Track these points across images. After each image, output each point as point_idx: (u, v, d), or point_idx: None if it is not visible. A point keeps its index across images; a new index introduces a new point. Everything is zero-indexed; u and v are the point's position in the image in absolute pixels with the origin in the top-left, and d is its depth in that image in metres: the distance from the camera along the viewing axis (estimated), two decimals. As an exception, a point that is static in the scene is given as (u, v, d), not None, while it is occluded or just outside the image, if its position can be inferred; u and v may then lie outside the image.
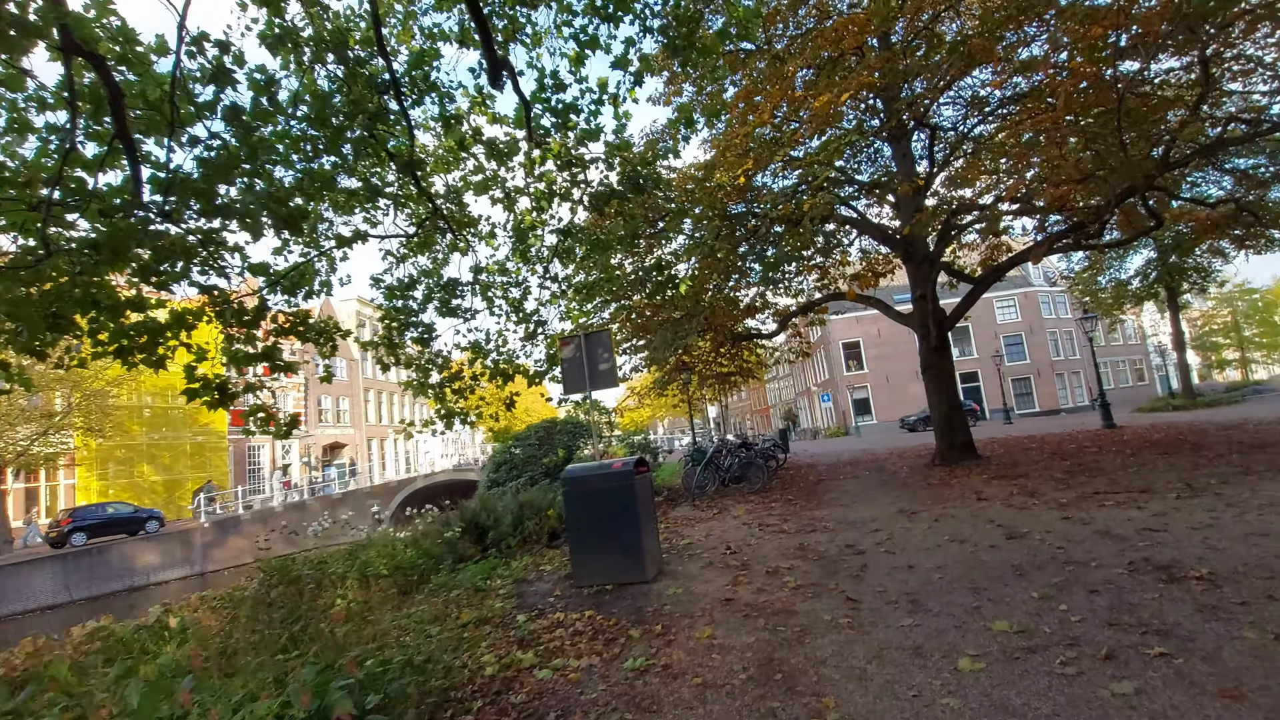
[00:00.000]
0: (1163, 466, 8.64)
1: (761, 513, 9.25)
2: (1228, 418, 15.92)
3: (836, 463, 16.30)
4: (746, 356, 19.29)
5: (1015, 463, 11.13)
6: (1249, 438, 10.63)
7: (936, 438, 12.45)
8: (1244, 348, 43.95)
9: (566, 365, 7.23)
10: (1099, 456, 10.62)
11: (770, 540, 6.98)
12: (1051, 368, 39.96)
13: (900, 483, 10.64)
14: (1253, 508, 5.44)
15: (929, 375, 12.37)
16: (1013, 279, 41.00)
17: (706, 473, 11.91)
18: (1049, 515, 6.30)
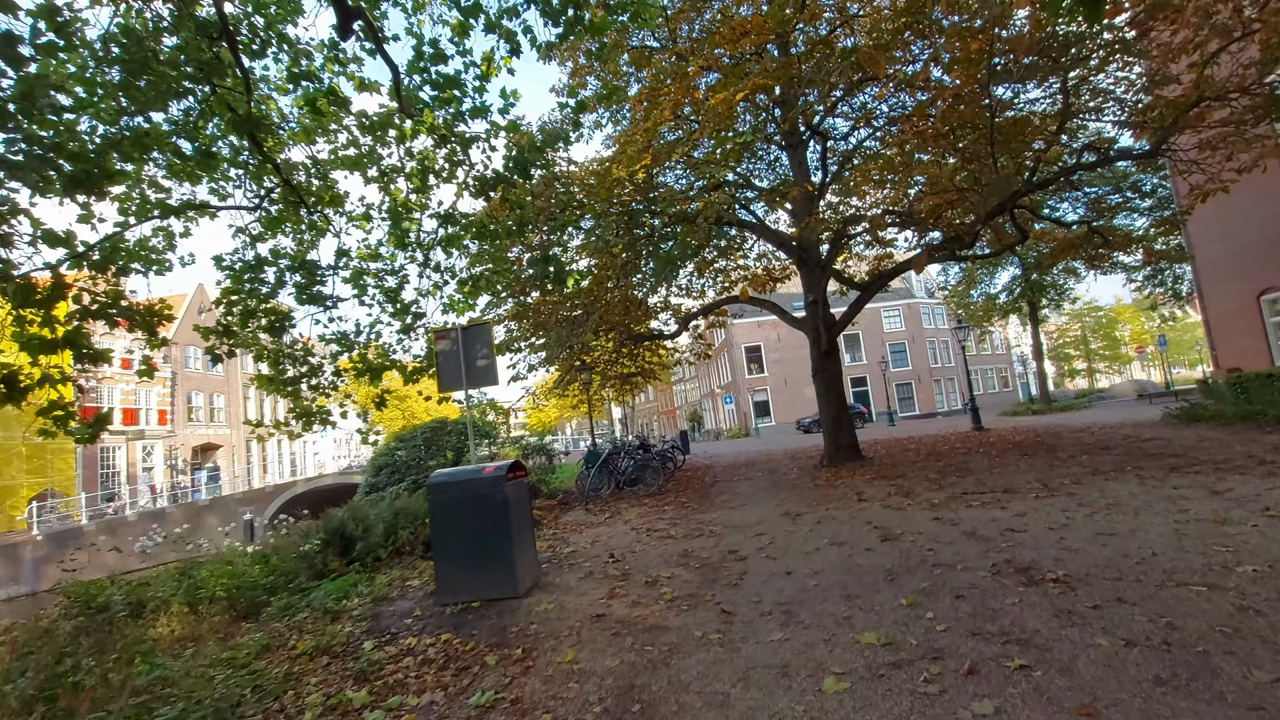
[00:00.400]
0: (1023, 467, 9.21)
1: (653, 517, 9.02)
2: (1077, 422, 17.55)
3: (733, 464, 16.48)
4: (649, 358, 19.21)
5: (895, 463, 11.59)
6: (1095, 440, 11.64)
7: (825, 439, 12.80)
8: (1090, 359, 49.55)
9: (442, 361, 6.63)
10: (968, 457, 11.26)
11: (656, 546, 6.73)
12: (930, 374, 43.03)
13: (789, 484, 10.78)
14: (1101, 508, 5.76)
15: (819, 379, 12.68)
16: (898, 290, 43.83)
17: (601, 476, 11.57)
18: (922, 516, 6.44)
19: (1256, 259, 14.52)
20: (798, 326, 13.46)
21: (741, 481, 12.17)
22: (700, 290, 16.71)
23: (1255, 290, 14.73)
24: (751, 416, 42.75)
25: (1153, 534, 4.65)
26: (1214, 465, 7.33)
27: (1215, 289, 16.28)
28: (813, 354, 12.91)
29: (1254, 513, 4.86)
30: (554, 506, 11.83)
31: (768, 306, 13.86)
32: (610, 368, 18.10)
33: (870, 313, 42.81)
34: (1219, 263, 15.80)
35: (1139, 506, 5.61)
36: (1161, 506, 5.50)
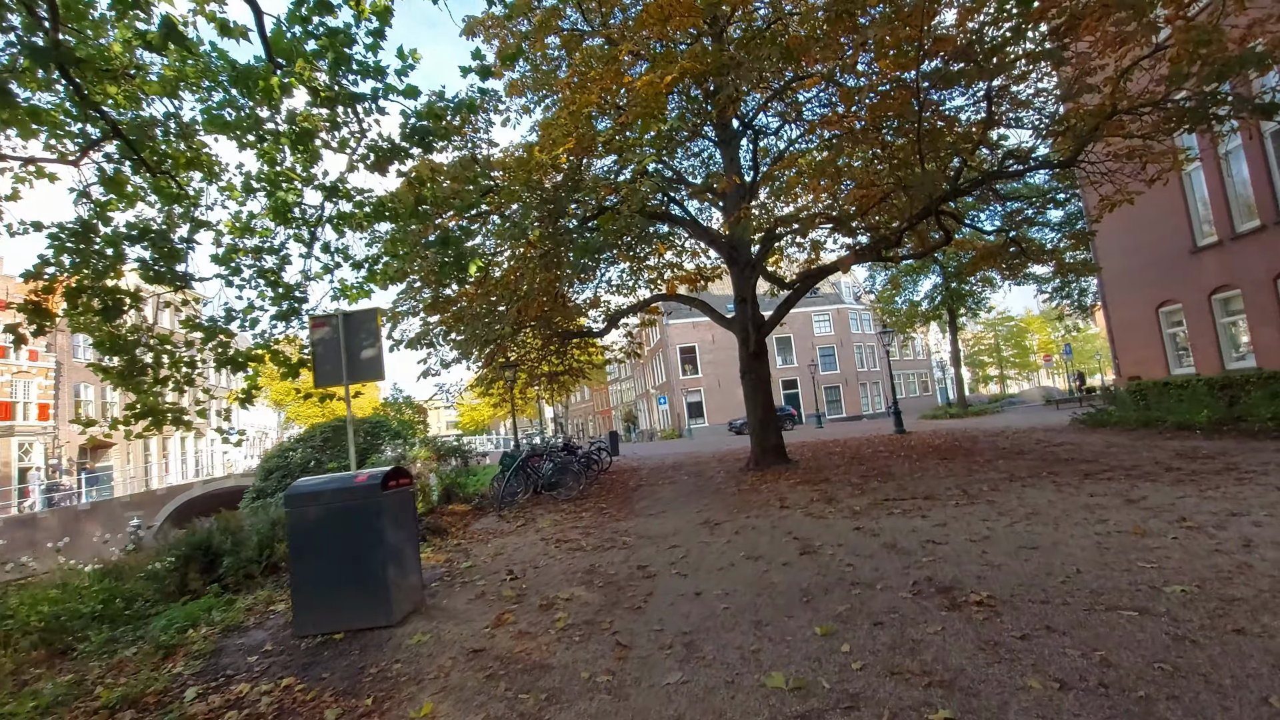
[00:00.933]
0: (943, 472, 9.16)
1: (568, 525, 8.42)
2: (992, 426, 18.13)
3: (661, 466, 16.06)
4: (578, 356, 18.55)
5: (820, 467, 11.44)
6: (1010, 445, 11.86)
7: (751, 442, 12.54)
8: (1002, 366, 52.45)
9: (320, 351, 5.81)
10: (890, 461, 11.22)
11: (562, 560, 6.13)
12: (857, 377, 44.28)
13: (713, 489, 10.41)
14: (1021, 517, 5.58)
15: (747, 380, 12.41)
16: (827, 295, 44.89)
17: (518, 480, 10.86)
18: (843, 525, 6.13)
19: (1156, 273, 15.34)
20: (727, 326, 13.16)
21: (666, 485, 11.73)
22: (631, 288, 16.21)
23: (1154, 302, 15.57)
24: (685, 417, 42.73)
25: (1075, 547, 4.43)
26: (1124, 471, 7.40)
27: (1118, 300, 17.17)
28: (741, 354, 12.63)
29: (1171, 524, 4.74)
30: (467, 513, 11.03)
31: (697, 305, 13.50)
32: (537, 366, 17.34)
33: (801, 317, 43.65)
34: (1122, 275, 16.64)
35: (1058, 516, 5.46)
36: (1080, 516, 5.36)
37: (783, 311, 12.33)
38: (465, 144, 11.72)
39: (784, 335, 43.30)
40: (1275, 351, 12.27)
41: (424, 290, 12.83)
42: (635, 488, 11.92)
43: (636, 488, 11.91)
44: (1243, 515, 4.73)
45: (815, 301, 44.61)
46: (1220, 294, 13.58)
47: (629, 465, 17.18)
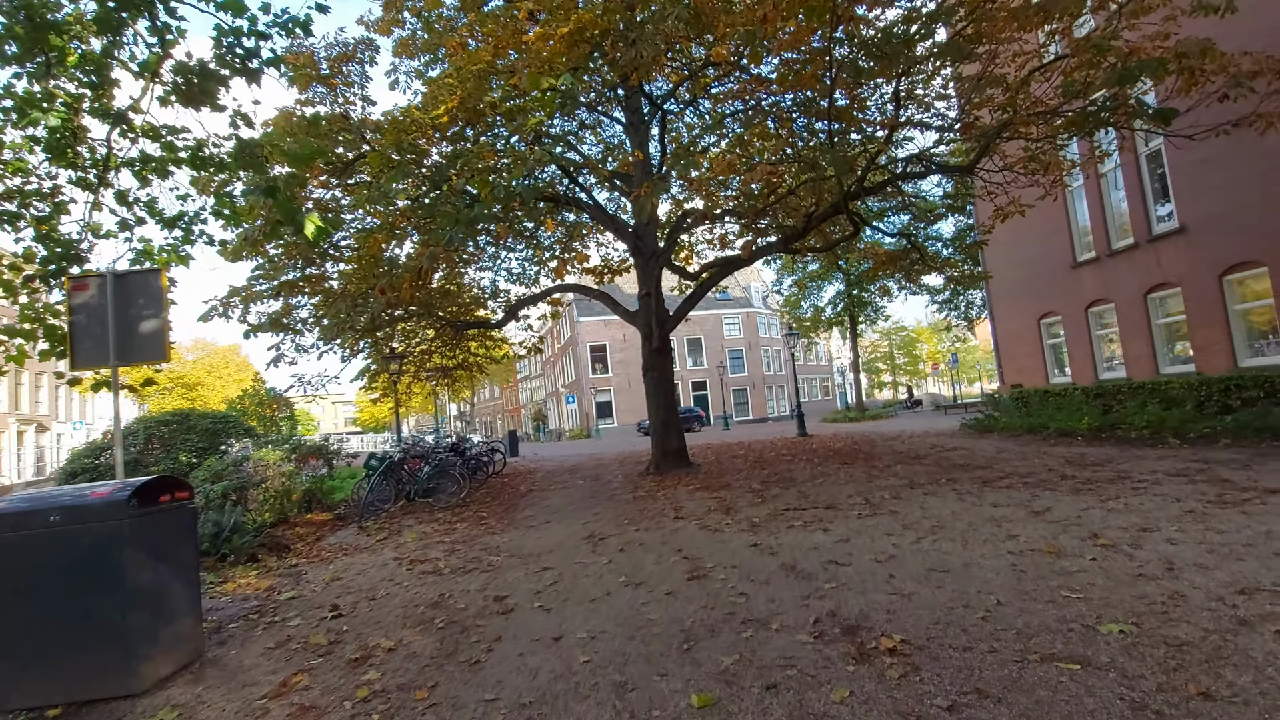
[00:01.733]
0: (843, 478, 8.78)
1: (435, 539, 7.30)
2: (888, 430, 18.47)
3: (560, 468, 15.06)
4: (475, 350, 17.20)
5: (722, 471, 10.88)
6: (907, 449, 11.81)
7: (652, 444, 11.82)
8: (895, 373, 55.40)
9: (80, 324, 4.42)
10: (792, 465, 10.83)
11: (409, 588, 5.05)
12: (764, 381, 45.11)
13: (608, 495, 9.57)
14: (926, 531, 5.09)
15: (649, 378, 11.68)
16: (738, 299, 45.46)
17: (386, 485, 9.54)
18: (739, 541, 5.43)
19: (1039, 286, 16.07)
20: (631, 321, 12.38)
21: (558, 491, 10.77)
22: (534, 278, 15.15)
23: (1037, 314, 16.33)
24: (594, 417, 41.84)
25: (988, 570, 3.91)
26: (1021, 479, 7.21)
27: (1004, 311, 17.96)
28: (644, 351, 11.89)
29: (1084, 541, 4.34)
30: (325, 524, 9.59)
31: (600, 298, 12.65)
32: (428, 358, 15.87)
33: (712, 319, 43.92)
34: (1009, 288, 17.39)
35: (964, 530, 5.00)
36: (987, 530, 4.92)
37: (688, 307, 11.71)
38: (336, 98, 10.27)
39: (695, 336, 43.40)
40: (1144, 363, 13.01)
41: (289, 267, 11.20)
42: (525, 493, 10.88)
43: (526, 493, 10.88)
44: (1153, 531, 4.41)
45: (726, 304, 45.05)
46: (1096, 307, 14.32)
47: (526, 468, 16.05)
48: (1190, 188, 11.74)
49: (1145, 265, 12.77)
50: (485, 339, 16.30)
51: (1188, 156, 11.81)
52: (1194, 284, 11.75)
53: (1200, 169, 11.50)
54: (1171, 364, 12.63)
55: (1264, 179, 10.49)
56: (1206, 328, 11.55)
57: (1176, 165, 11.95)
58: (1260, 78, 7.46)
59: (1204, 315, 11.61)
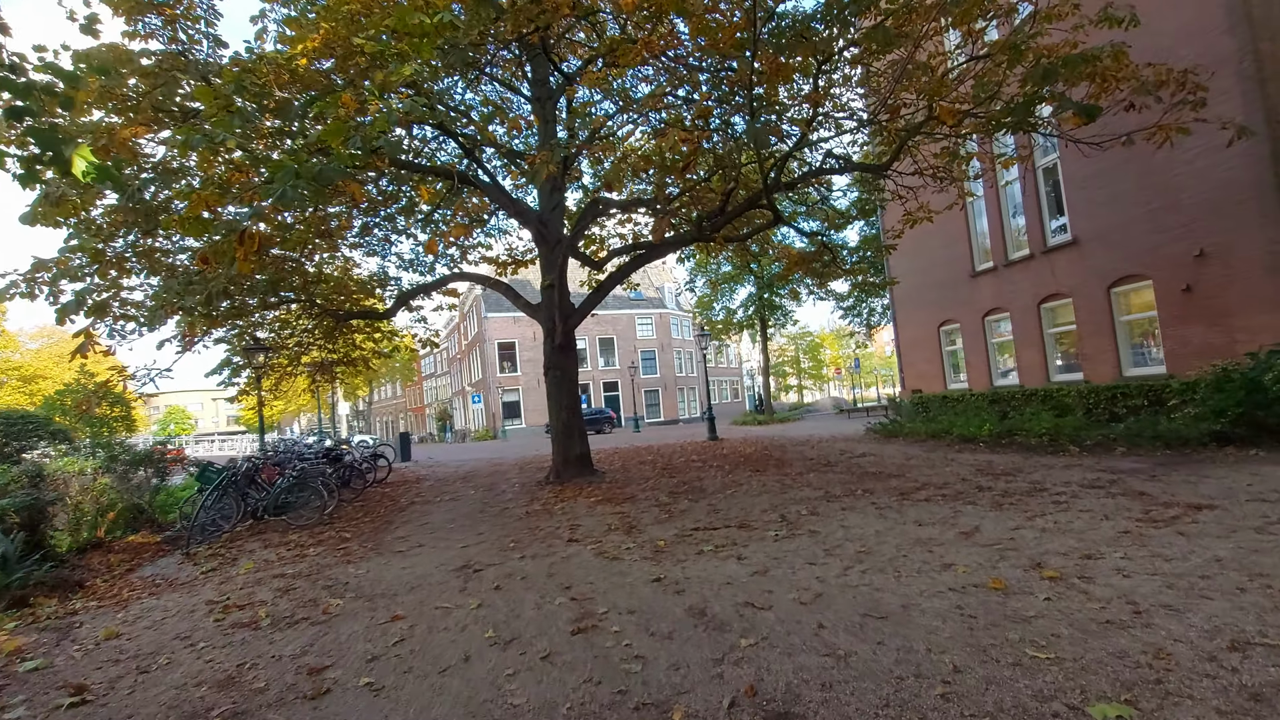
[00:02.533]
0: (756, 487, 8.17)
1: (275, 571, 5.97)
2: (797, 434, 18.39)
3: (453, 475, 13.69)
4: (361, 343, 15.46)
5: (628, 479, 10.05)
6: (817, 455, 11.48)
7: (553, 450, 10.80)
8: (800, 376, 57.19)
9: None
10: (703, 473, 10.17)
11: (203, 653, 3.81)
12: (675, 382, 44.98)
13: (499, 509, 8.48)
14: (851, 557, 4.45)
15: (551, 377, 10.67)
16: (651, 300, 45.10)
17: (226, 501, 7.97)
18: (640, 574, 4.57)
19: (940, 294, 16.45)
20: (533, 315, 11.31)
21: (444, 504, 9.54)
22: (429, 266, 13.69)
23: (937, 321, 16.71)
24: (500, 417, 40.05)
25: (932, 616, 3.25)
26: (937, 490, 6.83)
27: (906, 318, 18.35)
28: (546, 347, 10.86)
29: (1027, 572, 3.80)
30: (145, 549, 7.89)
31: (498, 288, 11.49)
32: (303, 350, 14.01)
33: (625, 318, 43.28)
34: (911, 295, 17.76)
35: (894, 558, 4.39)
36: (918, 557, 4.33)
37: (595, 300, 10.79)
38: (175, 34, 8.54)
39: (607, 335, 42.58)
40: (1036, 371, 13.44)
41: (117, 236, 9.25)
42: (404, 507, 9.55)
43: (406, 507, 9.56)
44: (1097, 558, 3.95)
45: (639, 304, 44.55)
46: (992, 316, 14.73)
47: (415, 475, 14.54)
48: (1083, 202, 12.17)
49: (1040, 276, 13.19)
50: (373, 331, 14.64)
51: (1081, 170, 12.26)
52: (1084, 295, 12.19)
53: (1091, 184, 11.94)
54: (1062, 372, 13.09)
55: (1148, 195, 10.94)
56: (1095, 337, 12.00)
57: (1071, 180, 12.38)
58: (1164, 88, 7.51)
59: (1093, 325, 12.06)
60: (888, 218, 16.33)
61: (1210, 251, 10.00)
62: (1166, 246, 10.68)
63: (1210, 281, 10.04)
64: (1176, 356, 10.56)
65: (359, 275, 13.98)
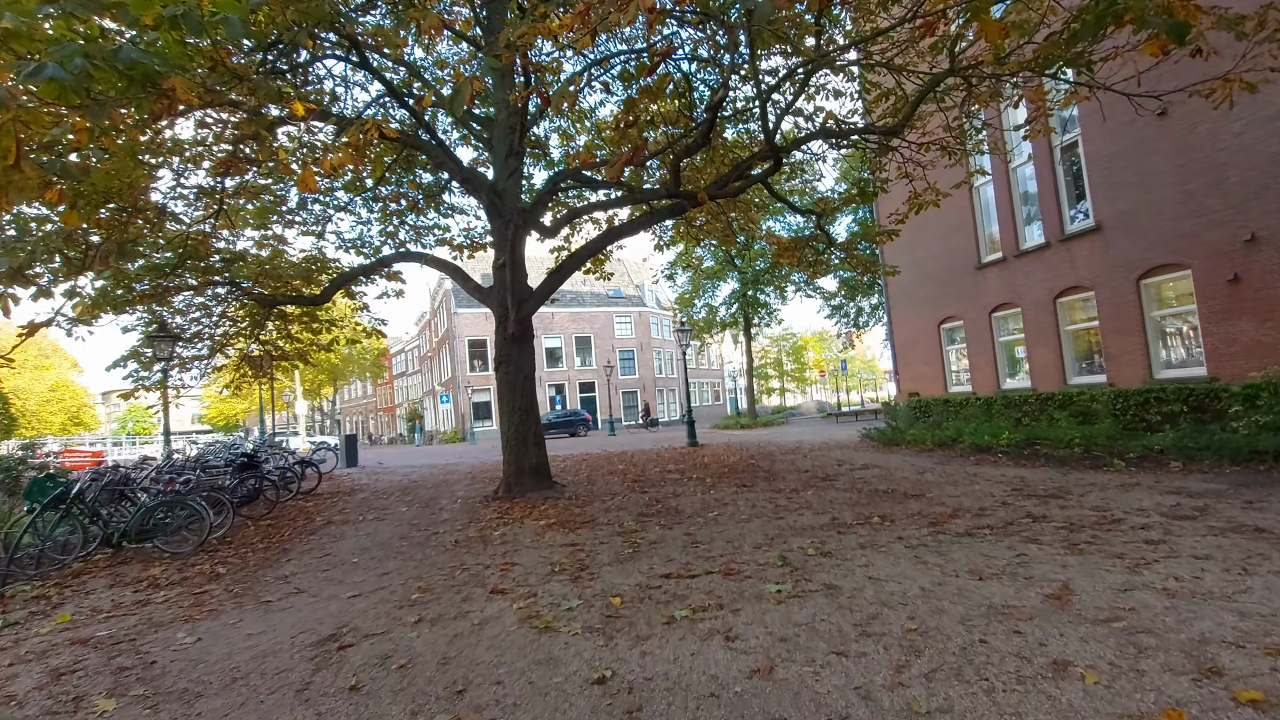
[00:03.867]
0: (745, 510, 6.65)
1: (83, 631, 4.31)
2: (784, 439, 16.93)
3: (395, 486, 11.96)
4: (298, 334, 13.67)
5: (591, 495, 8.47)
6: (812, 467, 10.00)
7: (504, 459, 9.16)
8: (783, 379, 55.98)
9: None
10: (679, 488, 8.63)
11: None
12: (655, 384, 43.44)
13: (426, 535, 6.84)
14: (898, 641, 2.92)
15: (502, 373, 9.06)
16: (630, 298, 43.52)
17: (67, 526, 6.22)
18: (575, 666, 2.99)
19: (940, 289, 15.12)
20: (483, 300, 9.70)
21: (365, 525, 7.86)
22: (375, 248, 11.98)
23: (937, 318, 15.37)
24: (470, 418, 38.15)
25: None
26: (976, 518, 5.36)
27: (902, 315, 17.00)
28: (497, 337, 9.25)
29: (1202, 684, 2.29)
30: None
31: (441, 267, 9.87)
32: (228, 340, 12.21)
33: (603, 316, 41.64)
34: (907, 291, 16.42)
35: (969, 647, 2.86)
36: (1006, 647, 2.81)
37: (556, 281, 9.19)
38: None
39: (584, 334, 40.89)
40: (1051, 372, 12.11)
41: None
42: (317, 529, 7.86)
43: (320, 528, 7.86)
44: (1309, 660, 2.45)
45: (618, 302, 42.95)
46: (1000, 312, 13.41)
47: (352, 484, 12.76)
48: (1108, 183, 10.87)
49: (1056, 267, 11.87)
50: (311, 321, 12.87)
51: (1105, 148, 10.97)
52: (1109, 287, 10.88)
53: (1117, 163, 10.65)
54: (1082, 374, 11.77)
55: (1184, 175, 9.65)
56: (1121, 335, 10.68)
57: (1094, 159, 11.07)
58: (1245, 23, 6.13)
59: (1119, 321, 10.75)
60: (887, 203, 14.91)
61: (1263, 236, 8.70)
62: (1207, 232, 9.38)
63: (1262, 271, 8.74)
64: (1220, 356, 9.25)
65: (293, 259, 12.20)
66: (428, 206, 12.50)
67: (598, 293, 42.77)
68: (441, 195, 12.32)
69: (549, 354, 39.77)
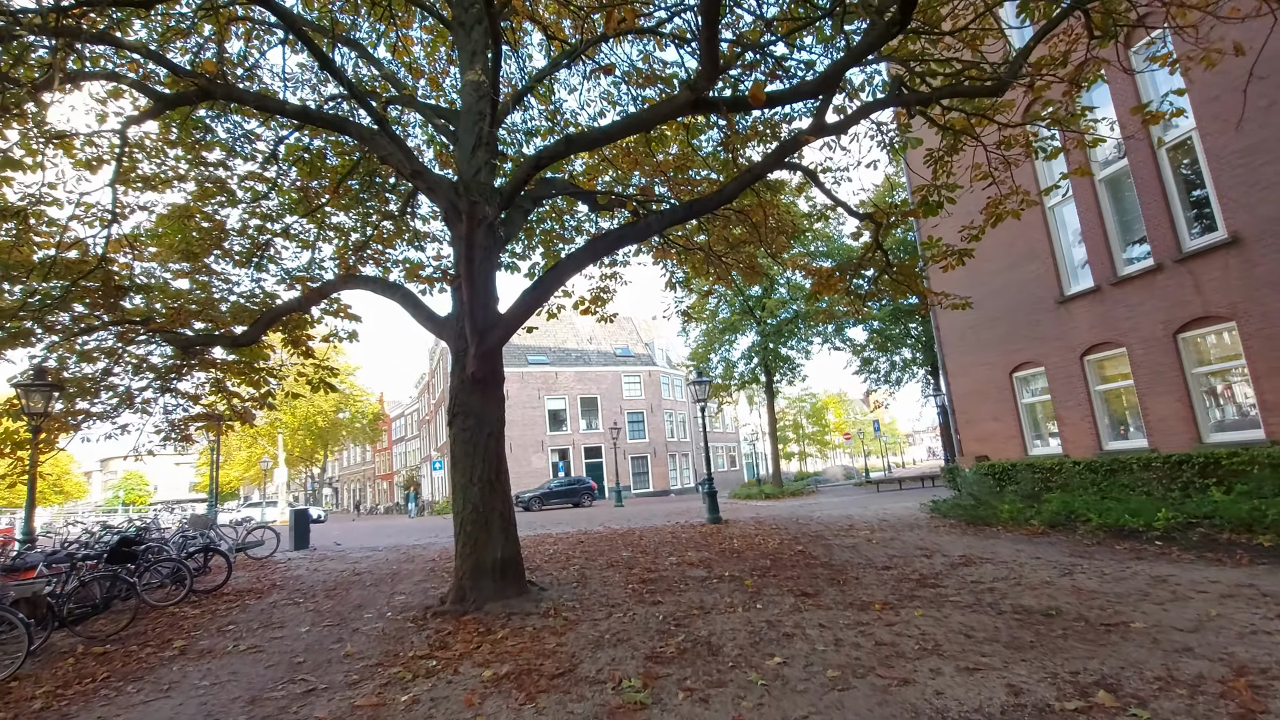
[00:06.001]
0: (825, 653, 3.98)
1: None
2: (823, 513, 14.04)
3: (323, 582, 9.17)
4: (236, 385, 11.25)
5: (580, 608, 5.77)
6: (889, 559, 7.22)
7: (458, 551, 6.45)
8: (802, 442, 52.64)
9: None
10: (708, 594, 5.90)
11: None
12: (666, 448, 40.47)
13: (301, 691, 4.14)
14: None
15: (458, 426, 6.52)
16: (639, 356, 41.20)
17: None
18: None
19: (1010, 328, 12.61)
20: (438, 332, 7.30)
21: (230, 660, 5.14)
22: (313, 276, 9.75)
23: (1008, 365, 12.77)
24: (466, 487, 35.14)
25: None
26: None
27: (960, 363, 14.40)
28: (453, 379, 6.77)
29: None
30: None
31: (386, 292, 7.54)
32: (129, 396, 9.77)
33: (610, 375, 39.22)
34: (964, 332, 13.94)
35: None
36: None
37: (532, 302, 6.73)
38: None
39: (590, 395, 38.34)
40: (1177, 427, 9.39)
41: None
42: (154, 665, 5.14)
43: (158, 665, 5.15)
44: None
45: (626, 360, 40.60)
46: (1096, 354, 10.82)
47: (276, 578, 9.92)
48: (1240, 185, 8.53)
49: (1174, 293, 9.38)
50: (247, 370, 10.47)
51: (1231, 144, 8.74)
52: (1255, 315, 8.35)
53: (1253, 160, 8.35)
54: (1222, 430, 9.06)
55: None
56: (1278, 375, 8.07)
57: (1217, 157, 8.78)
58: None
59: (1275, 359, 8.16)
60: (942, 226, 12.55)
61: None
62: None
63: None
64: None
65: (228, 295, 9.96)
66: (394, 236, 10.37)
67: (604, 351, 40.55)
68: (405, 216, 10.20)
69: (552, 416, 37.16)
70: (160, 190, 8.90)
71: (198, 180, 9.07)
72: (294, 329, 9.84)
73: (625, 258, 11.84)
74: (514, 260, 11.09)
